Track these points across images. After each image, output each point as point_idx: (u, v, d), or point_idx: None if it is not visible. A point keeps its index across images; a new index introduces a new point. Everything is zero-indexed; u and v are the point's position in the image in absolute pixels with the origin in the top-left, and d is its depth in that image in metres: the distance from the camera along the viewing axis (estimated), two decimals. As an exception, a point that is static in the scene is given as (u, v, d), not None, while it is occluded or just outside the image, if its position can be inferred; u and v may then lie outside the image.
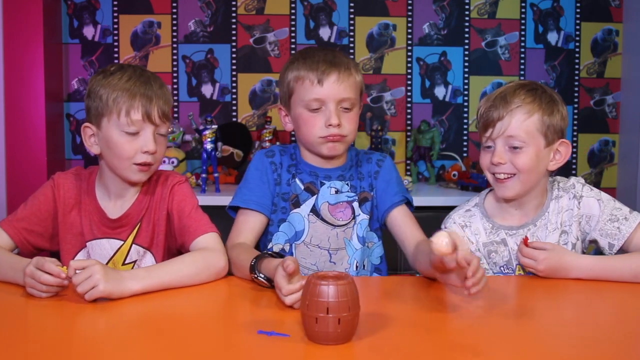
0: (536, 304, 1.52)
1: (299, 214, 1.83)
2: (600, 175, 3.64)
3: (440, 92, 3.57)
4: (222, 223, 1.81)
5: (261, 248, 1.86)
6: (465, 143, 3.59)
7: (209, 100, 3.50)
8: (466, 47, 3.56)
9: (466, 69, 3.57)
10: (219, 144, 3.09)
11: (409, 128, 3.55)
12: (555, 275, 1.65)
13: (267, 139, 3.27)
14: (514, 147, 1.72)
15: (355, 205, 1.85)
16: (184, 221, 1.71)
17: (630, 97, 3.52)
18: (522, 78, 3.56)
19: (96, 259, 1.48)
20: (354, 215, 1.84)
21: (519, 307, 1.51)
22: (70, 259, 1.71)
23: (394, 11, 3.52)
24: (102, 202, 1.75)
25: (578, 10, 3.57)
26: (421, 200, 2.83)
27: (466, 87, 3.58)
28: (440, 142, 3.42)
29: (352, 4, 3.51)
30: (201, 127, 3.03)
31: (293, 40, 3.50)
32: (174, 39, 3.46)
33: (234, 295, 1.57)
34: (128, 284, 1.45)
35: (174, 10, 3.45)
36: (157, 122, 1.68)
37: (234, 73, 3.49)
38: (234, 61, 3.49)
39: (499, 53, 3.57)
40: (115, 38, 3.45)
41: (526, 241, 1.69)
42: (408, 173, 3.53)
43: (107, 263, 1.72)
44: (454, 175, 3.25)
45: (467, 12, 3.55)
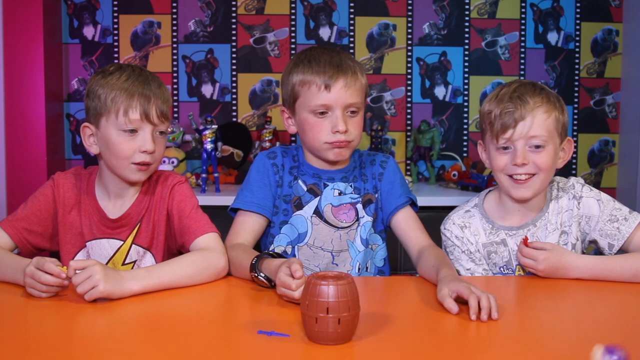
0: (536, 304, 1.52)
1: (302, 215, 1.82)
2: (600, 175, 3.64)
3: (440, 92, 3.57)
4: (222, 223, 1.81)
5: (262, 250, 1.86)
6: (465, 143, 3.59)
7: (209, 100, 3.50)
8: (466, 47, 3.56)
9: (466, 69, 3.57)
10: (219, 144, 3.09)
11: (409, 128, 3.55)
12: (554, 275, 1.65)
13: (267, 139, 3.27)
14: (535, 147, 1.70)
15: (359, 207, 1.84)
16: (184, 221, 1.71)
17: (630, 97, 3.52)
18: (522, 78, 3.55)
19: (96, 259, 1.48)
20: (357, 217, 1.84)
21: (519, 307, 1.51)
22: (70, 258, 1.71)
23: (394, 11, 3.52)
24: (102, 202, 1.75)
25: (578, 10, 3.57)
26: (421, 200, 2.78)
27: (466, 87, 3.58)
28: (440, 142, 3.42)
29: (352, 4, 3.51)
30: (201, 127, 3.03)
31: (293, 40, 3.50)
32: (174, 39, 3.46)
33: (234, 295, 1.57)
34: (128, 284, 1.45)
35: (174, 10, 3.45)
36: (156, 122, 1.68)
37: (234, 73, 3.49)
38: (234, 61, 3.49)
39: (499, 53, 3.57)
40: (115, 38, 3.45)
41: (526, 241, 1.69)
42: (408, 173, 3.53)
43: (106, 263, 1.72)
44: (454, 175, 3.25)
45: (467, 12, 3.55)
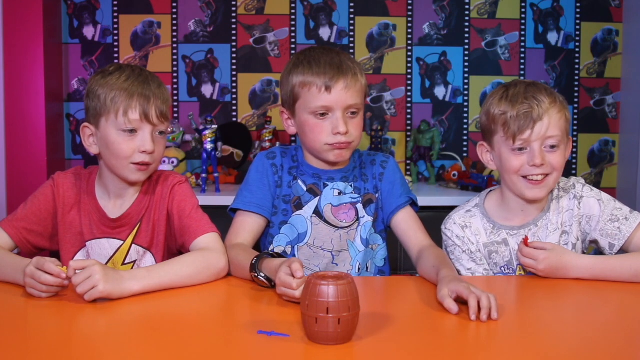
0: (536, 304, 1.52)
1: (302, 215, 1.82)
2: (600, 175, 3.64)
3: (440, 92, 3.57)
4: (222, 223, 1.81)
5: (262, 250, 1.86)
6: (465, 143, 3.59)
7: (209, 100, 3.50)
8: (466, 47, 3.56)
9: (466, 69, 3.57)
10: (219, 144, 3.09)
11: (409, 128, 3.55)
12: (555, 275, 1.65)
13: (267, 139, 3.27)
14: (550, 147, 1.70)
15: (359, 207, 1.84)
16: (185, 221, 1.71)
17: (630, 97, 3.52)
18: (522, 78, 3.55)
19: (96, 259, 1.48)
20: (357, 217, 1.84)
21: (519, 307, 1.51)
22: (69, 258, 1.71)
23: (394, 11, 3.52)
24: (102, 201, 1.75)
25: (578, 10, 3.57)
26: (421, 201, 2.78)
27: (466, 87, 3.58)
28: (440, 142, 3.42)
29: (352, 4, 3.51)
30: (201, 127, 3.03)
31: (293, 40, 3.50)
32: (174, 39, 3.46)
33: (234, 295, 1.57)
34: (128, 284, 1.45)
35: (174, 10, 3.45)
36: (155, 122, 1.68)
37: (234, 73, 3.49)
38: (234, 61, 3.49)
39: (499, 53, 3.57)
40: (115, 38, 3.45)
41: (526, 241, 1.69)
42: (408, 173, 3.53)
43: (106, 263, 1.72)
44: (454, 175, 3.25)
45: (467, 12, 3.55)
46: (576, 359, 1.15)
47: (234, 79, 3.50)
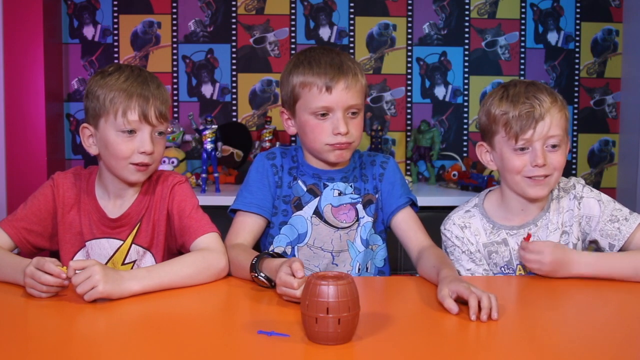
0: (536, 304, 1.52)
1: (302, 216, 1.82)
2: (600, 175, 3.64)
3: (440, 92, 3.57)
4: (223, 223, 1.81)
5: (262, 251, 1.86)
6: (465, 143, 3.59)
7: (209, 100, 3.50)
8: (466, 47, 3.56)
9: (466, 69, 3.57)
10: (219, 144, 3.09)
11: (409, 128, 3.55)
12: (558, 272, 1.65)
13: (267, 139, 3.27)
14: (552, 146, 1.70)
15: (359, 207, 1.84)
16: (185, 221, 1.71)
17: (630, 97, 3.52)
18: (522, 78, 3.55)
19: (95, 259, 1.48)
20: (357, 218, 1.84)
21: (519, 307, 1.51)
22: (69, 258, 1.71)
23: (394, 11, 3.52)
24: (102, 201, 1.75)
25: (578, 10, 3.57)
26: (421, 201, 2.78)
27: (466, 87, 3.58)
28: (440, 142, 3.42)
29: (352, 4, 3.51)
30: (201, 127, 3.03)
31: (293, 40, 3.50)
32: (174, 39, 3.46)
33: (234, 295, 1.57)
34: (128, 285, 1.45)
35: (174, 10, 3.45)
36: (154, 123, 1.67)
37: (234, 73, 3.49)
38: (234, 61, 3.49)
39: (499, 53, 3.57)
40: (115, 38, 3.45)
41: (528, 238, 1.69)
42: (408, 173, 3.52)
43: (106, 263, 1.72)
44: (454, 175, 3.25)
45: (467, 12, 3.55)
46: (576, 358, 1.15)
47: (234, 79, 3.50)
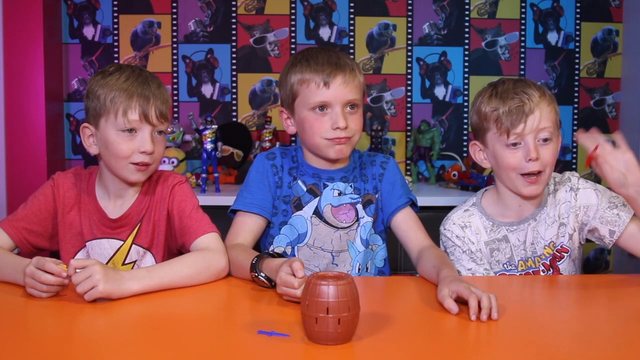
0: (537, 304, 1.52)
1: (302, 216, 1.82)
2: (600, 175, 3.63)
3: (440, 92, 3.57)
4: (222, 223, 1.81)
5: (262, 251, 1.86)
6: (465, 143, 3.59)
7: (209, 100, 3.50)
8: (466, 47, 3.56)
9: (466, 69, 3.57)
10: (219, 144, 3.09)
11: (409, 128, 3.55)
12: (623, 187, 1.62)
13: (267, 139, 3.27)
14: (543, 140, 1.71)
15: (359, 207, 1.84)
16: (185, 221, 1.71)
17: (630, 97, 3.52)
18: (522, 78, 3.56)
19: (96, 259, 1.48)
20: (357, 218, 1.84)
21: (519, 307, 1.51)
22: (69, 258, 1.70)
23: (394, 11, 3.52)
24: (102, 201, 1.75)
25: (578, 10, 3.56)
26: (421, 201, 2.78)
27: (466, 87, 3.58)
28: (440, 142, 3.42)
29: (352, 4, 3.51)
30: (201, 127, 3.03)
31: (293, 40, 3.50)
32: (174, 39, 3.46)
33: (234, 295, 1.57)
34: (128, 284, 1.45)
35: (174, 10, 3.45)
36: (155, 122, 1.68)
37: (234, 73, 3.49)
38: (234, 61, 3.49)
39: (499, 53, 3.57)
40: (115, 38, 3.45)
41: (597, 148, 1.64)
42: (408, 173, 3.52)
43: (106, 263, 1.73)
44: (454, 175, 3.25)
45: (467, 12, 3.54)
46: (576, 358, 1.16)
47: (234, 79, 3.50)
